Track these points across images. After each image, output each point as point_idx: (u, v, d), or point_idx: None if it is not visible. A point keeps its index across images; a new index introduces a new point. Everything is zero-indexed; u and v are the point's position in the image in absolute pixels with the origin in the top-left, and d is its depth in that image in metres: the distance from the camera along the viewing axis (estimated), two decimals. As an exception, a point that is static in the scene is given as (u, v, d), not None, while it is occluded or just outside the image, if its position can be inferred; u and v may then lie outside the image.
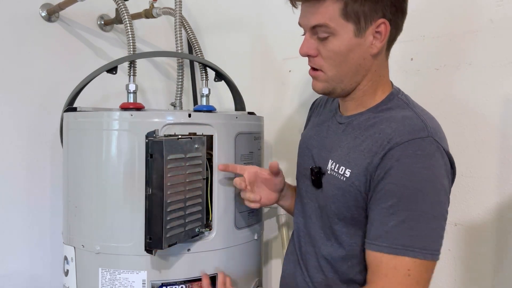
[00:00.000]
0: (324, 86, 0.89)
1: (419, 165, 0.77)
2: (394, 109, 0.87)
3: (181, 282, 0.97)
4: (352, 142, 0.88)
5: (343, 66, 0.86)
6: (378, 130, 0.84)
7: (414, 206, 0.77)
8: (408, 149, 0.78)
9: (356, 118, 0.91)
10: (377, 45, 0.85)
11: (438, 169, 0.79)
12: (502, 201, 1.04)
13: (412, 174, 0.77)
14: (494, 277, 1.05)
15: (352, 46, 0.84)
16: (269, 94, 1.49)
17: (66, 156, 1.04)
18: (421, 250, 0.76)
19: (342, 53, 0.84)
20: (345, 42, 0.84)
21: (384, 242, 0.78)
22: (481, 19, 1.05)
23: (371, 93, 0.90)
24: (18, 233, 1.28)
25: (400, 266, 0.76)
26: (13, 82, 1.26)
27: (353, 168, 0.84)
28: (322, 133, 0.99)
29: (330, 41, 0.84)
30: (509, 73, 1.02)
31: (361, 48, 0.85)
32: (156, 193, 0.88)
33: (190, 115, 0.98)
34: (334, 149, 0.92)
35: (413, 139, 0.79)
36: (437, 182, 0.79)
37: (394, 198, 0.78)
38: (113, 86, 1.42)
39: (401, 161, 0.78)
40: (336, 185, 0.87)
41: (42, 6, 1.31)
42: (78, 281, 1.00)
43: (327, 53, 0.85)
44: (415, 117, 0.83)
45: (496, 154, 1.04)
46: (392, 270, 0.77)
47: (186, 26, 1.39)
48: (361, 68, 0.87)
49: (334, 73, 0.87)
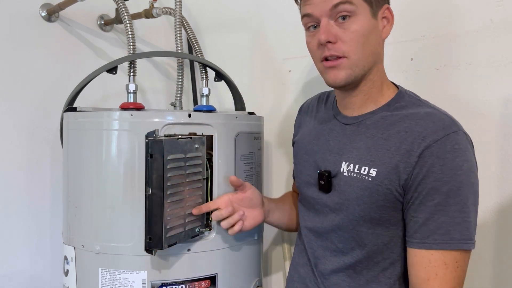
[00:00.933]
0: (348, 74, 0.85)
1: (459, 159, 0.79)
2: (409, 106, 0.87)
3: (181, 282, 0.97)
4: (371, 141, 0.87)
5: (365, 48, 0.84)
6: (403, 128, 0.84)
7: (460, 200, 0.79)
8: (446, 144, 0.79)
9: (368, 117, 0.89)
10: (388, 29, 0.86)
11: (473, 160, 0.82)
12: (502, 201, 1.04)
13: (455, 169, 0.79)
14: (494, 277, 1.05)
15: (371, 27, 0.84)
16: (269, 94, 1.49)
17: (66, 156, 1.04)
18: (470, 241, 0.79)
19: (364, 34, 0.83)
20: (366, 22, 0.83)
21: (437, 239, 0.79)
22: (481, 19, 1.05)
23: (378, 85, 0.90)
24: (18, 233, 1.28)
25: (450, 260, 0.79)
26: (13, 82, 1.26)
27: (379, 167, 0.83)
28: (323, 137, 0.97)
29: (352, 22, 0.83)
30: (509, 73, 1.02)
31: (376, 32, 0.86)
32: (156, 193, 0.88)
33: (190, 115, 0.98)
34: (346, 150, 0.90)
35: (448, 134, 0.80)
36: (474, 174, 0.82)
37: (441, 194, 0.79)
38: (113, 86, 1.42)
39: (442, 157, 0.79)
40: (360, 186, 0.85)
41: (42, 6, 1.31)
42: (78, 281, 1.00)
43: (350, 34, 0.83)
44: (439, 113, 0.84)
45: (496, 154, 1.04)
46: (443, 267, 0.79)
47: (186, 26, 1.39)
48: (376, 53, 0.87)
49: (359, 57, 0.84)
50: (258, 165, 1.13)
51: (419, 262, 0.81)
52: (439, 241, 0.79)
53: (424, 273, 0.80)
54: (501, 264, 1.04)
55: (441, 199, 0.79)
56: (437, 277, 0.79)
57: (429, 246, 0.80)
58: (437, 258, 0.79)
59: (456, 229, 0.78)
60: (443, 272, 0.79)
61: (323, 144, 0.96)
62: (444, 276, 0.79)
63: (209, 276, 1.00)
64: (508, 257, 1.04)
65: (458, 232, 0.78)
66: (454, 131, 0.80)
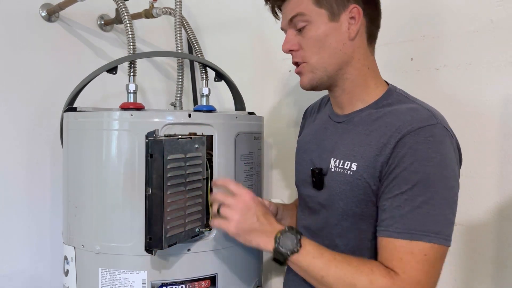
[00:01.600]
0: (311, 78, 0.91)
1: (432, 150, 0.78)
2: (395, 103, 0.88)
3: (181, 282, 0.97)
4: (356, 138, 0.88)
5: (322, 52, 0.89)
6: (384, 123, 0.85)
7: (428, 192, 0.77)
8: (419, 135, 0.79)
9: (356, 115, 0.92)
10: (353, 29, 0.88)
11: (449, 154, 0.80)
12: (502, 201, 1.04)
13: (425, 160, 0.78)
14: (494, 277, 1.05)
15: (328, 31, 0.88)
16: (269, 94, 1.49)
17: (66, 156, 1.04)
18: (437, 235, 0.76)
19: (320, 38, 0.88)
20: (321, 27, 0.88)
21: (399, 228, 0.78)
22: (481, 19, 1.05)
23: (361, 84, 0.91)
24: (18, 233, 1.28)
25: (417, 251, 0.76)
26: (13, 82, 1.26)
27: (359, 161, 0.85)
28: (320, 136, 0.99)
29: (308, 29, 0.89)
30: (509, 73, 1.02)
31: (338, 33, 0.88)
32: (156, 193, 0.88)
33: (190, 115, 0.98)
34: (335, 148, 0.92)
35: (424, 126, 0.80)
36: (449, 168, 0.80)
37: (409, 184, 0.78)
38: (113, 86, 1.42)
39: (414, 148, 0.79)
40: (342, 180, 0.87)
41: (42, 6, 1.31)
42: (78, 281, 1.00)
43: (307, 41, 0.89)
44: (421, 108, 0.84)
45: (496, 154, 1.04)
46: (409, 254, 0.76)
47: (186, 26, 1.39)
48: (342, 53, 0.89)
49: (316, 60, 0.89)
50: (258, 165, 1.13)
51: (385, 246, 0.80)
52: (400, 230, 0.77)
53: (389, 255, 0.78)
54: (501, 264, 1.05)
55: (407, 189, 0.78)
56: (402, 261, 0.76)
57: (390, 234, 0.78)
58: (403, 245, 0.77)
59: (419, 220, 0.77)
60: (408, 259, 0.76)
61: (319, 142, 0.98)
62: (409, 262, 0.76)
63: (209, 276, 1.00)
64: (508, 257, 1.04)
65: (421, 224, 0.76)
66: (431, 124, 0.80)
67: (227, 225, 0.88)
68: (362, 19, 0.88)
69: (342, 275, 0.79)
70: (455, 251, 1.10)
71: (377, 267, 0.78)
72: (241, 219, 0.87)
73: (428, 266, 0.76)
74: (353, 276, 0.78)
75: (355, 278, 0.78)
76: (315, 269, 0.81)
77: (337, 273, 0.79)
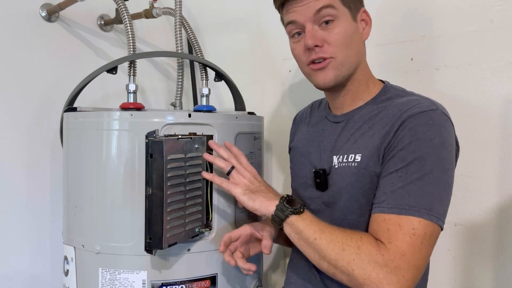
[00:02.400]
0: (337, 74, 0.89)
1: (430, 132, 0.79)
2: (395, 97, 0.90)
3: (181, 282, 0.97)
4: (358, 132, 0.89)
5: (350, 49, 0.89)
6: (386, 115, 0.86)
7: (423, 169, 0.77)
8: (420, 119, 0.80)
9: (356, 112, 0.93)
10: (367, 31, 0.91)
11: (448, 138, 0.81)
12: (502, 201, 1.04)
13: (423, 140, 0.79)
14: (494, 277, 1.05)
15: (353, 30, 0.89)
16: (269, 94, 1.49)
17: (66, 156, 1.04)
18: (427, 212, 0.76)
19: (348, 36, 0.88)
20: (348, 24, 0.89)
21: (390, 203, 0.78)
22: (481, 19, 1.05)
23: (364, 84, 0.93)
24: (18, 233, 1.28)
25: (405, 224, 0.75)
26: (13, 82, 1.26)
27: (363, 152, 0.86)
28: (317, 138, 1.00)
29: (336, 25, 0.87)
30: (509, 73, 1.02)
31: (357, 33, 0.91)
32: (156, 193, 0.88)
33: (190, 115, 0.98)
34: (335, 146, 0.93)
35: (424, 111, 0.81)
36: (446, 150, 0.80)
37: (404, 162, 0.79)
38: (113, 86, 1.42)
39: (414, 129, 0.80)
40: (348, 173, 0.87)
41: (42, 6, 1.31)
42: (78, 281, 1.00)
43: (335, 36, 0.87)
44: (421, 98, 0.86)
45: (496, 154, 1.04)
46: (396, 226, 0.76)
47: (186, 26, 1.39)
48: (360, 54, 0.92)
49: (345, 57, 0.88)
50: (258, 165, 1.13)
51: (375, 220, 0.80)
52: (391, 205, 0.77)
53: (377, 227, 0.78)
54: (501, 264, 1.04)
55: (403, 166, 0.79)
56: (388, 232, 0.76)
57: (381, 210, 0.79)
58: (392, 218, 0.77)
59: (411, 196, 0.76)
60: (396, 230, 0.75)
61: (317, 145, 0.98)
62: (396, 234, 0.75)
63: (209, 276, 1.00)
64: (508, 257, 1.03)
65: (412, 199, 0.76)
66: (431, 109, 0.81)
67: (234, 187, 0.91)
68: None
69: (334, 238, 0.79)
70: (455, 251, 1.10)
71: (367, 236, 0.79)
72: (248, 184, 0.92)
73: (415, 240, 0.75)
74: (343, 241, 0.79)
75: (344, 243, 0.78)
76: (310, 231, 0.82)
77: (329, 237, 0.80)
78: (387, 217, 0.78)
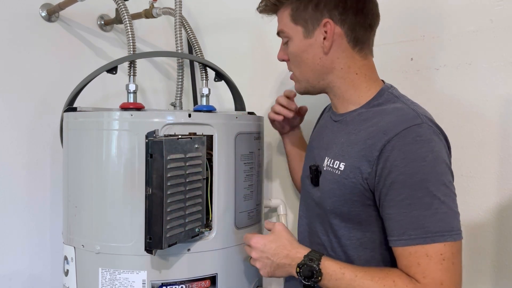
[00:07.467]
0: (298, 87, 1.00)
1: (422, 150, 0.78)
2: (385, 103, 0.89)
3: (181, 282, 0.97)
4: (346, 137, 0.90)
5: (302, 66, 0.95)
6: (371, 123, 0.86)
7: (429, 192, 0.77)
8: (407, 137, 0.79)
9: (349, 115, 0.94)
10: (326, 44, 0.90)
11: (440, 151, 0.81)
12: (502, 201, 1.04)
13: (418, 161, 0.78)
14: (494, 277, 1.05)
15: (303, 47, 0.93)
16: (269, 94, 1.49)
17: (66, 156, 1.04)
18: (449, 233, 0.76)
19: (297, 54, 0.94)
20: (297, 44, 0.94)
21: (412, 235, 0.77)
22: (481, 19, 1.05)
23: (350, 89, 0.93)
24: (18, 233, 1.28)
25: (433, 252, 0.76)
26: (13, 82, 1.26)
27: (347, 161, 0.86)
28: (321, 134, 1.03)
29: (289, 45, 0.96)
30: (509, 73, 1.02)
31: (312, 49, 0.92)
32: (156, 193, 0.88)
33: (190, 115, 0.98)
34: (330, 146, 0.95)
35: (409, 127, 0.80)
36: (443, 164, 0.80)
37: (408, 188, 0.78)
38: (113, 86, 1.42)
39: (403, 150, 0.79)
40: (332, 180, 0.89)
41: (42, 6, 1.30)
42: (78, 281, 1.00)
43: (289, 55, 0.97)
44: (406, 108, 0.85)
45: (496, 154, 1.04)
46: (425, 258, 0.76)
47: (186, 26, 1.39)
48: (320, 67, 0.93)
49: (299, 73, 0.97)
50: (258, 165, 1.13)
51: (401, 254, 0.79)
52: (414, 237, 0.77)
53: (407, 262, 0.78)
54: (501, 264, 1.05)
55: (408, 193, 0.78)
56: (420, 266, 0.76)
57: (406, 243, 0.78)
58: (418, 250, 0.77)
59: (430, 221, 0.76)
60: (426, 262, 0.76)
61: (320, 140, 1.02)
62: (428, 266, 0.75)
63: (209, 276, 1.00)
64: (508, 257, 1.04)
65: (432, 225, 0.76)
66: (416, 124, 0.80)
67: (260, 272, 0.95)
68: (339, 30, 0.89)
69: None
70: (455, 251, 1.10)
71: (399, 277, 0.78)
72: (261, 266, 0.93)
73: (447, 265, 0.75)
74: None
75: None
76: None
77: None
78: (413, 250, 0.77)
